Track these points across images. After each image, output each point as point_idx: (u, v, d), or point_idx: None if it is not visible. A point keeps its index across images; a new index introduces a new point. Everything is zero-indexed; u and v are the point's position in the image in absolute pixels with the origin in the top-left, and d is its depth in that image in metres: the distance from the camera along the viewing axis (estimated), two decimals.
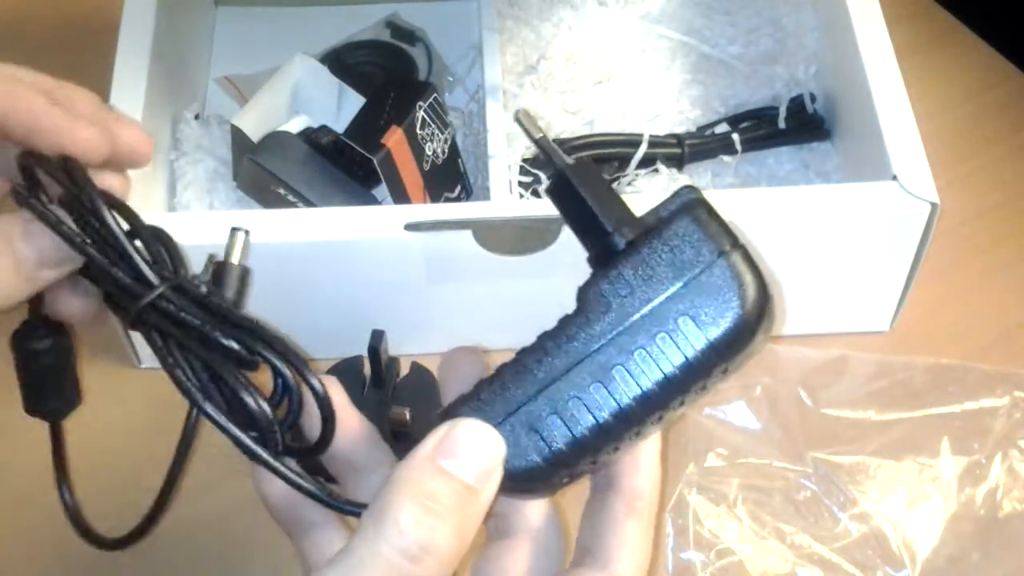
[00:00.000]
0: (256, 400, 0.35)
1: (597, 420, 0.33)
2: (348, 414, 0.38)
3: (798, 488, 0.56)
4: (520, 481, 0.34)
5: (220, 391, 0.35)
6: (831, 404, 0.58)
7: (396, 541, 0.31)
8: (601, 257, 0.34)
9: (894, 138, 0.57)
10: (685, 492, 0.55)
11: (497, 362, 0.36)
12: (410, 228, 0.54)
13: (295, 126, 0.63)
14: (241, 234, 0.39)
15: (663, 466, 0.57)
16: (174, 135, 0.66)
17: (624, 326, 0.33)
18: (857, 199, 0.56)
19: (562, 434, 0.34)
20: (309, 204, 0.60)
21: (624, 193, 0.65)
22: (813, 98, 0.69)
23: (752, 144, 0.68)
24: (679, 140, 0.67)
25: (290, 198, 0.60)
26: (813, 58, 0.70)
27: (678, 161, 0.67)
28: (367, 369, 0.57)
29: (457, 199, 0.65)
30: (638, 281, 0.33)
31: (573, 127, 0.68)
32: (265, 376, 0.36)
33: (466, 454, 0.33)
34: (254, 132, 0.62)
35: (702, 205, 0.34)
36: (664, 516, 0.54)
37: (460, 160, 0.66)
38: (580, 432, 0.34)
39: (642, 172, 0.66)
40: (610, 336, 0.33)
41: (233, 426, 0.35)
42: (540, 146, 0.37)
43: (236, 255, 0.39)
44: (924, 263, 0.58)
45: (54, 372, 0.42)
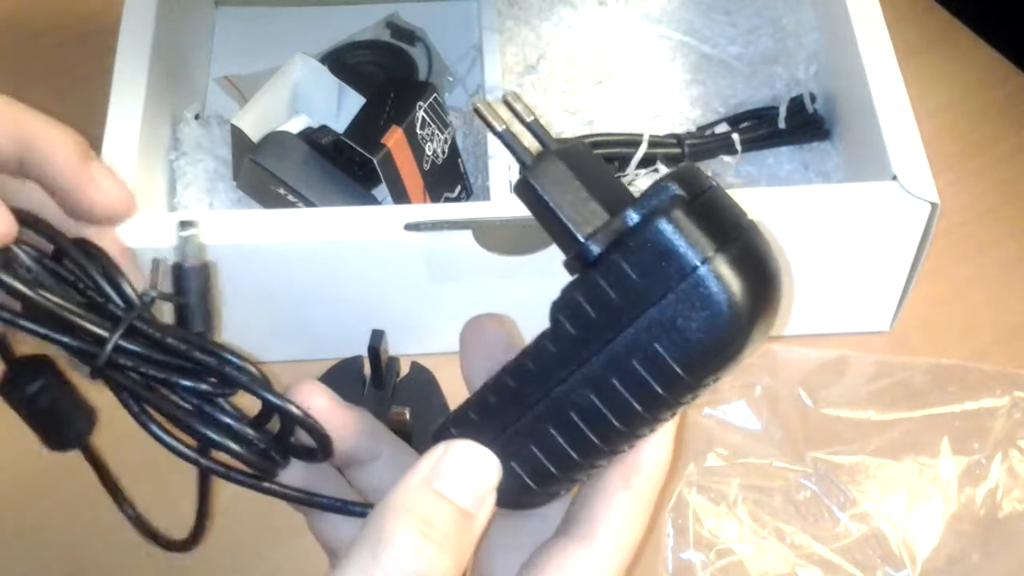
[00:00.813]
0: (242, 428, 0.33)
1: (587, 438, 0.32)
2: (338, 415, 0.36)
3: (798, 488, 0.56)
4: (513, 500, 0.34)
5: (205, 428, 0.33)
6: (831, 404, 0.58)
7: (393, 569, 0.30)
8: (575, 265, 0.32)
9: (894, 138, 0.57)
10: (685, 492, 0.55)
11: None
12: (410, 228, 0.54)
13: (295, 126, 0.63)
14: (193, 229, 0.36)
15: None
16: (174, 135, 0.66)
17: (604, 344, 0.31)
18: (857, 199, 0.56)
19: (551, 455, 0.33)
20: (309, 204, 0.60)
21: None
22: (813, 98, 0.69)
23: (752, 144, 0.68)
24: (679, 140, 0.67)
25: (290, 198, 0.60)
26: (813, 58, 0.70)
27: (678, 161, 0.67)
28: (367, 369, 0.57)
29: (457, 199, 0.65)
30: (615, 296, 0.31)
31: (573, 127, 0.68)
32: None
33: (462, 477, 0.32)
34: (254, 132, 0.62)
35: (681, 204, 0.30)
36: (664, 516, 0.54)
37: (460, 160, 0.66)
38: (571, 451, 0.33)
39: (642, 172, 0.66)
40: (592, 355, 0.31)
41: (231, 471, 0.34)
42: (503, 140, 0.33)
43: (192, 253, 0.36)
44: (924, 263, 0.58)
45: (58, 404, 0.38)
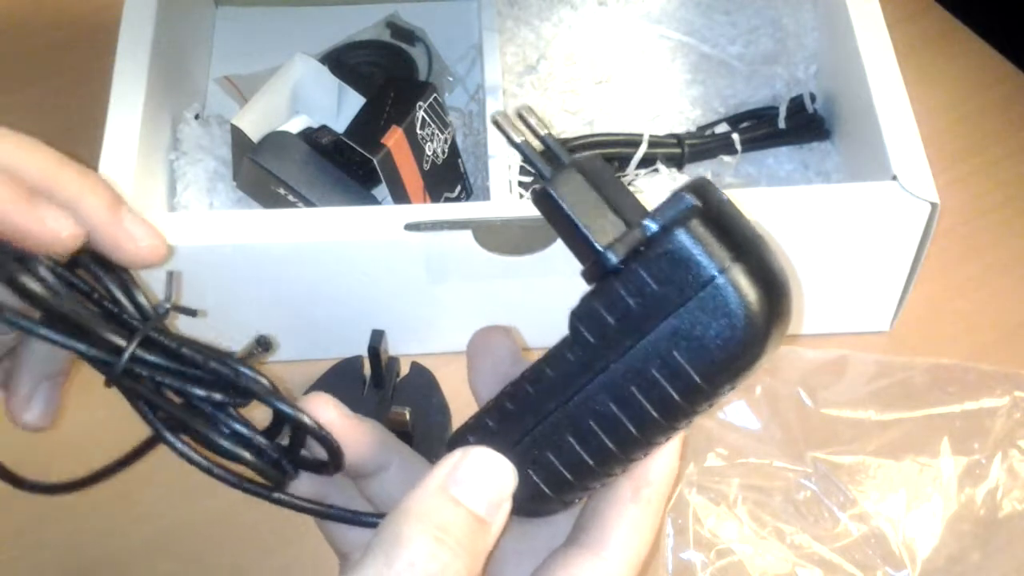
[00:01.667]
0: (255, 437, 0.34)
1: (604, 446, 0.33)
2: (349, 428, 0.36)
3: (798, 488, 0.56)
4: (527, 507, 0.34)
5: (218, 438, 0.34)
6: (831, 404, 0.58)
7: (406, 574, 0.30)
8: (593, 274, 0.33)
9: (894, 138, 0.57)
10: (685, 492, 0.55)
11: None
12: (410, 228, 0.54)
13: (295, 126, 0.63)
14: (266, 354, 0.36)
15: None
16: (174, 135, 0.66)
17: (623, 353, 0.32)
18: (857, 199, 0.56)
19: (567, 463, 0.33)
20: (309, 204, 0.60)
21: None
22: (813, 98, 0.69)
23: (752, 144, 0.68)
24: (679, 140, 0.67)
25: (290, 198, 0.60)
26: (813, 58, 0.70)
27: (678, 161, 0.67)
28: (367, 369, 0.57)
29: (457, 199, 0.65)
30: (633, 304, 0.31)
31: (573, 127, 0.68)
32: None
33: (478, 484, 0.32)
34: (254, 132, 0.62)
35: (699, 215, 0.31)
36: (664, 516, 0.54)
37: (460, 160, 0.66)
38: (585, 461, 0.33)
39: (642, 172, 0.66)
40: (610, 363, 0.32)
41: (243, 481, 0.35)
42: (522, 152, 0.35)
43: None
44: (924, 263, 0.58)
45: None
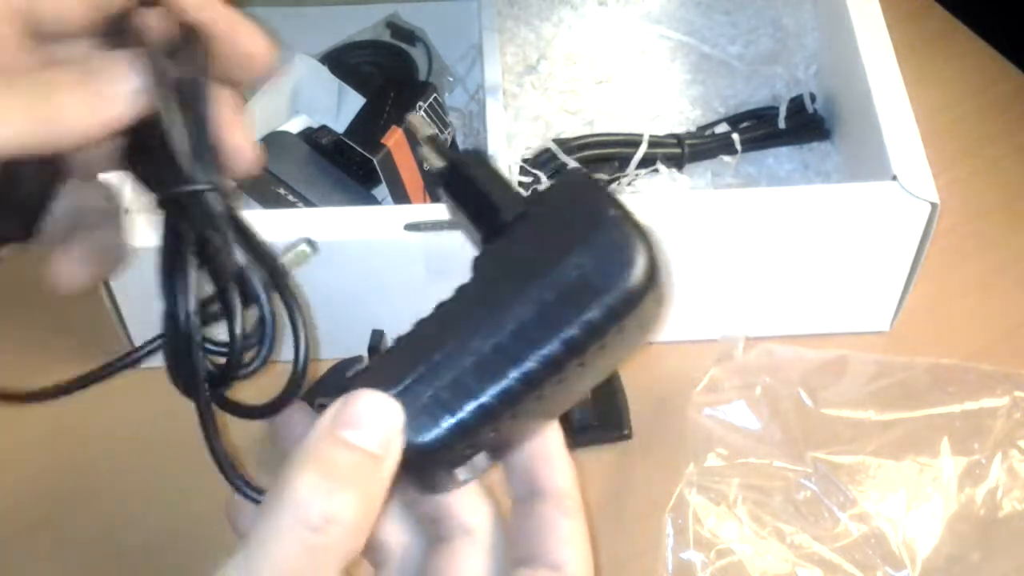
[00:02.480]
0: (240, 335, 0.34)
1: (496, 382, 0.33)
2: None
3: (798, 488, 0.56)
4: (423, 452, 0.34)
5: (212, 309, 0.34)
6: (831, 404, 0.58)
7: (297, 512, 0.30)
8: (493, 233, 0.36)
9: (894, 138, 0.57)
10: (685, 492, 0.55)
11: None
12: (410, 228, 0.54)
13: (295, 126, 0.63)
14: (308, 249, 0.39)
15: (662, 467, 0.57)
16: None
17: (518, 291, 0.34)
18: (857, 199, 0.56)
19: (461, 398, 0.34)
20: (309, 204, 0.60)
21: (623, 193, 0.65)
22: (813, 98, 0.69)
23: (752, 144, 0.68)
24: (679, 140, 0.67)
25: (290, 198, 0.60)
26: (813, 58, 0.70)
27: (678, 161, 0.67)
28: None
29: None
30: (529, 247, 0.35)
31: (573, 127, 0.68)
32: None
33: (364, 423, 0.33)
34: (254, 132, 0.62)
35: (586, 178, 0.36)
36: (664, 516, 0.54)
37: None
38: (479, 395, 0.34)
39: (642, 172, 0.66)
40: (505, 301, 0.34)
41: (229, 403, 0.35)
42: (431, 144, 0.39)
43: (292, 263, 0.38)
44: (924, 263, 0.58)
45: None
